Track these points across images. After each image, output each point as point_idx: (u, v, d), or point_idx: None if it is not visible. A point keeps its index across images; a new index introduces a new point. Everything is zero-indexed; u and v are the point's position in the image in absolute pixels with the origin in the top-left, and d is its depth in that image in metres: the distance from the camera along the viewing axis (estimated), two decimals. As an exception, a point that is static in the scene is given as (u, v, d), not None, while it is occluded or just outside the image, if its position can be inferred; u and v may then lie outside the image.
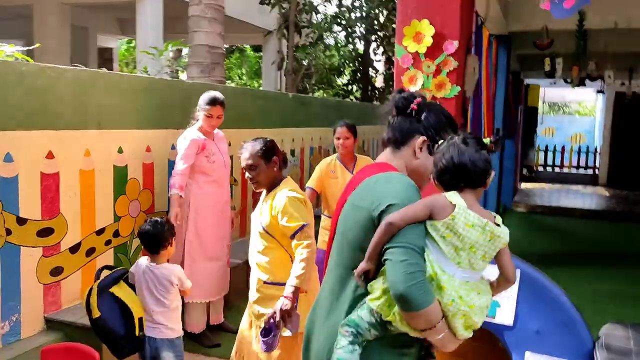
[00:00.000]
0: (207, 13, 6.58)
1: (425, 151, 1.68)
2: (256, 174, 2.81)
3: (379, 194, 1.56)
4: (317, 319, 1.77)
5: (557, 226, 9.26)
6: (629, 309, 5.10)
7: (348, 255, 1.64)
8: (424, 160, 1.68)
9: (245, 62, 18.82)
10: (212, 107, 3.84)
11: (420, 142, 1.68)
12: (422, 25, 2.80)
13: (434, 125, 1.70)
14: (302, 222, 2.65)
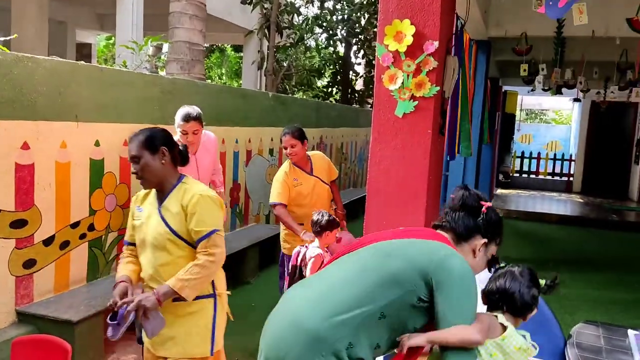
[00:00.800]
0: (188, 10, 6.55)
1: (482, 252, 1.84)
2: (140, 168, 2.37)
3: (448, 270, 1.66)
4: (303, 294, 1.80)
5: (532, 231, 9.40)
6: (599, 313, 5.20)
7: (371, 286, 1.69)
8: (479, 261, 1.85)
9: (226, 61, 18.75)
10: (185, 123, 3.72)
11: (481, 244, 1.83)
12: (403, 25, 2.82)
13: (494, 232, 1.86)
14: (211, 228, 2.34)
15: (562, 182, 15.06)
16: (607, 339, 2.37)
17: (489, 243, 1.85)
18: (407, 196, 2.95)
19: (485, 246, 1.83)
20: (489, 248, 1.85)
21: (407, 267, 1.68)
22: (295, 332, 1.66)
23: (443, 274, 1.65)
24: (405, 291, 1.66)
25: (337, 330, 1.63)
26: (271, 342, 1.72)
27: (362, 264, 1.78)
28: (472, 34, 5.87)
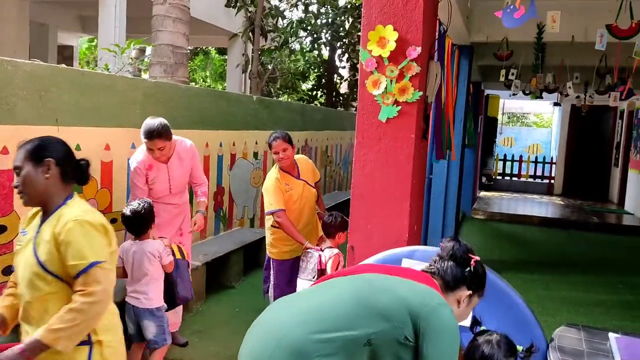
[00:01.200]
0: (172, 13, 6.51)
1: (466, 303, 1.93)
2: (20, 180, 2.03)
3: (438, 320, 1.73)
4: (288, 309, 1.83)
5: (514, 233, 9.49)
6: (581, 314, 5.27)
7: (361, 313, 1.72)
8: (462, 311, 1.94)
9: (210, 64, 18.68)
10: (149, 140, 3.57)
11: (466, 295, 1.92)
12: (386, 31, 2.84)
13: (479, 285, 1.96)
14: (90, 260, 1.95)
15: (544, 184, 15.24)
16: (588, 342, 2.40)
17: (473, 295, 1.94)
18: (391, 200, 2.96)
19: (469, 298, 1.93)
20: (472, 300, 1.95)
21: (399, 305, 1.73)
22: (276, 345, 1.66)
23: (433, 322, 1.71)
24: (392, 326, 1.70)
25: (321, 346, 1.64)
26: (251, 353, 1.72)
27: (354, 289, 1.81)
28: (455, 39, 5.92)
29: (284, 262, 4.17)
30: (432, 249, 2.69)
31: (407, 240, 2.92)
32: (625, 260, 7.79)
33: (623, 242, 9.06)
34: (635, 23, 3.65)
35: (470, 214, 10.81)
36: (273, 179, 4.04)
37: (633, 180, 11.64)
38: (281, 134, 4.05)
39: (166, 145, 3.64)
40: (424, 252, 2.60)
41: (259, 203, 7.08)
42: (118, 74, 5.10)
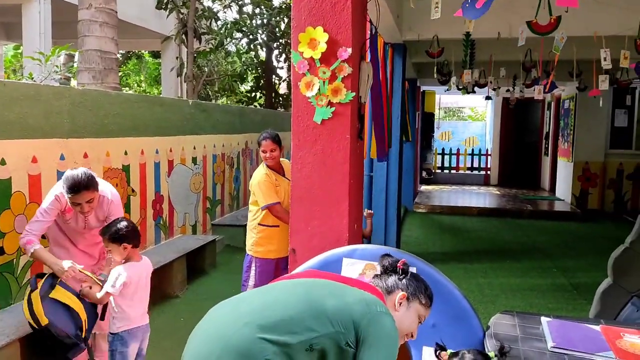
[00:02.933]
0: (98, 17, 6.31)
1: (404, 307, 1.97)
2: None
3: (378, 326, 1.76)
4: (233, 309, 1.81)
5: (455, 224, 9.76)
6: (518, 299, 5.47)
7: (307, 314, 1.73)
8: (402, 316, 1.95)
9: (144, 68, 18.22)
10: (75, 195, 3.11)
11: (400, 296, 1.97)
12: (316, 32, 2.85)
13: (415, 289, 2.01)
14: None
15: (481, 176, 15.75)
16: (522, 328, 2.49)
17: (412, 299, 1.98)
18: (330, 201, 2.98)
19: (407, 300, 1.97)
20: (411, 304, 1.98)
21: (343, 310, 1.75)
22: (223, 347, 1.64)
23: (374, 329, 1.74)
24: (335, 331, 1.71)
25: (265, 347, 1.63)
26: (197, 357, 1.69)
27: (300, 292, 1.82)
28: (387, 38, 6.02)
29: (269, 261, 4.16)
30: (372, 246, 2.73)
31: (347, 239, 2.95)
32: (558, 245, 8.15)
33: (555, 228, 9.49)
34: (554, 19, 3.80)
35: (412, 208, 11.04)
36: (263, 174, 4.11)
37: (562, 167, 12.21)
38: (270, 134, 4.14)
39: (95, 195, 3.21)
40: (364, 251, 2.64)
41: (201, 209, 6.97)
42: (43, 83, 4.90)
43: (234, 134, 8.08)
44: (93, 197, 3.18)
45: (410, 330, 1.97)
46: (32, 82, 4.73)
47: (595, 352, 2.21)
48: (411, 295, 1.99)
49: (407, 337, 1.99)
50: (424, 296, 2.01)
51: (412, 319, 1.97)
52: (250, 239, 4.22)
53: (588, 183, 11.08)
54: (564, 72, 7.76)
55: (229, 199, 8.01)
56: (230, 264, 6.58)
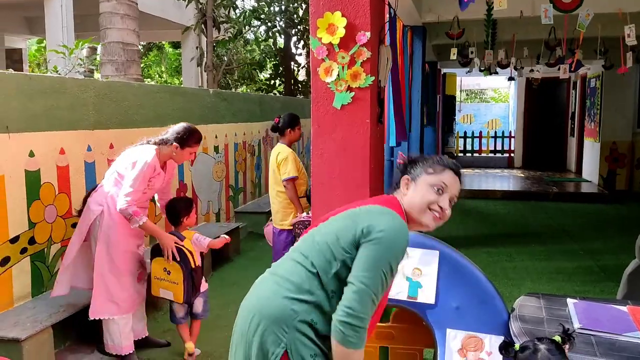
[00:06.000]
0: (119, 9, 6.37)
1: (411, 186, 1.92)
2: None
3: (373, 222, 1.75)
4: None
5: (478, 208, 9.68)
6: (544, 283, 5.43)
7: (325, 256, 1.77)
8: (411, 195, 1.91)
9: (165, 59, 18.35)
10: (197, 145, 3.69)
11: (403, 182, 1.95)
12: (334, 17, 2.84)
13: (414, 165, 1.97)
14: None
15: (504, 158, 15.56)
16: (548, 310, 2.47)
17: (416, 176, 1.92)
18: (350, 186, 2.99)
19: (411, 181, 1.93)
20: (419, 181, 1.91)
21: (350, 226, 1.77)
22: (259, 317, 1.77)
23: (371, 229, 1.72)
24: (350, 257, 1.74)
25: (298, 307, 1.73)
26: (239, 331, 1.87)
27: (319, 241, 1.84)
28: (406, 20, 5.96)
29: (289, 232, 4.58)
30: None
31: (369, 224, 2.95)
32: (584, 227, 8.04)
33: (582, 210, 9.35)
34: (577, -4, 3.74)
35: (434, 192, 10.96)
36: (288, 151, 4.56)
37: (589, 148, 11.99)
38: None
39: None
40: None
41: (224, 197, 7.04)
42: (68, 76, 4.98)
43: (254, 122, 8.12)
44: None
45: (426, 201, 1.88)
46: (57, 76, 4.82)
47: (622, 332, 2.20)
48: (413, 173, 1.94)
49: (434, 210, 1.90)
50: (428, 166, 1.94)
51: (422, 192, 1.89)
52: (289, 215, 4.53)
53: (615, 164, 10.86)
54: (589, 50, 7.61)
55: (251, 187, 8.07)
56: (254, 250, 6.65)
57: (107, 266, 3.49)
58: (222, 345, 3.98)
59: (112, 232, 3.48)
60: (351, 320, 1.64)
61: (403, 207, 1.90)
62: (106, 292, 3.50)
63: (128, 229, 3.49)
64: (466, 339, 2.41)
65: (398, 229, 1.74)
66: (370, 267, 1.67)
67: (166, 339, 4.03)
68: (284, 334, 1.71)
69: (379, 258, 1.68)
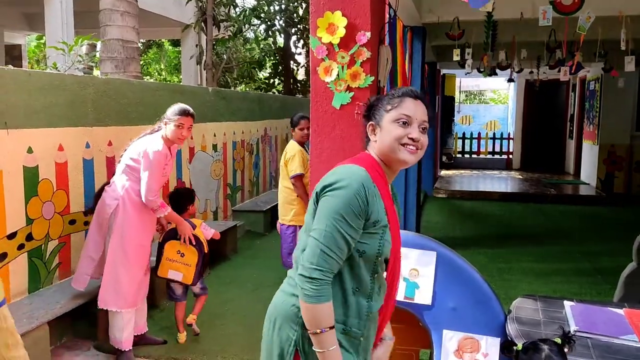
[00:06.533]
0: (119, 7, 6.36)
1: (377, 130, 1.78)
2: None
3: (322, 179, 1.74)
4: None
5: (475, 209, 9.69)
6: (541, 284, 5.43)
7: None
8: (380, 138, 1.77)
9: (164, 57, 18.33)
10: (184, 117, 3.69)
11: (370, 128, 1.82)
12: (334, 17, 2.84)
13: (373, 109, 1.82)
14: None
15: (502, 160, 15.57)
16: (544, 312, 2.48)
17: (378, 119, 1.79)
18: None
19: (376, 125, 1.79)
20: (382, 122, 1.77)
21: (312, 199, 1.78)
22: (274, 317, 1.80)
23: (321, 189, 1.70)
24: None
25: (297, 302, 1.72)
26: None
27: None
28: (406, 20, 5.96)
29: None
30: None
31: (367, 224, 2.95)
32: (582, 229, 8.05)
33: (580, 212, 9.37)
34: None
35: (432, 193, 10.98)
36: (296, 148, 4.70)
37: (587, 151, 12.01)
38: (306, 115, 4.58)
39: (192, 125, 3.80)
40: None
41: (221, 195, 7.04)
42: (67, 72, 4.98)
43: (253, 120, 8.12)
44: (192, 126, 3.76)
45: (395, 137, 1.73)
46: (56, 72, 4.81)
47: (619, 335, 2.20)
48: (376, 118, 1.80)
49: (407, 145, 1.74)
50: (386, 103, 1.79)
51: (387, 130, 1.75)
52: (291, 211, 4.68)
53: (614, 166, 10.87)
54: (588, 53, 7.61)
55: (249, 185, 8.07)
56: (251, 249, 6.65)
57: (120, 258, 3.59)
58: (219, 343, 3.98)
59: (126, 225, 3.59)
60: (303, 272, 1.62)
61: (376, 155, 1.79)
62: (116, 283, 3.58)
63: (143, 223, 3.65)
64: (462, 340, 2.41)
65: (345, 179, 1.66)
66: (319, 220, 1.65)
67: (163, 337, 4.02)
68: (294, 331, 1.71)
69: (327, 209, 1.64)
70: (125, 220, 3.59)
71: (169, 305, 4.72)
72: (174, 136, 3.69)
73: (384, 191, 1.74)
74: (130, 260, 3.62)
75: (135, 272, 3.67)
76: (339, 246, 1.63)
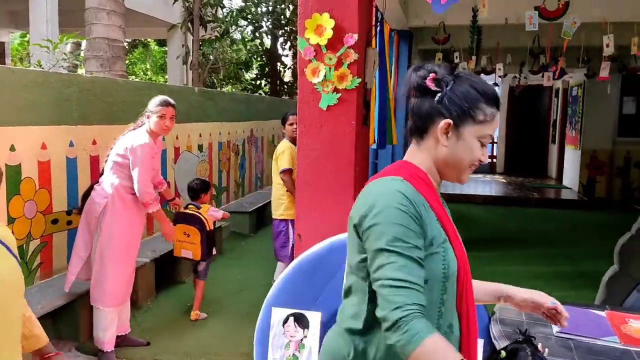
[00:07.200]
0: (105, 5, 6.31)
1: (453, 137, 1.39)
2: None
3: (355, 206, 1.41)
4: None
5: (460, 213, 9.73)
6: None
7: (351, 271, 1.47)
8: (454, 148, 1.40)
9: (150, 56, 18.22)
10: (166, 107, 3.71)
11: (443, 126, 1.38)
12: (322, 19, 2.85)
13: (460, 103, 1.37)
14: None
15: (486, 163, 15.69)
16: (528, 314, 2.50)
17: (461, 124, 1.38)
18: (335, 187, 2.99)
19: (455, 128, 1.38)
20: (467, 131, 1.38)
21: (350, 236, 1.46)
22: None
23: (361, 220, 1.37)
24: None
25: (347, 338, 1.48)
26: None
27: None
28: (393, 24, 6.00)
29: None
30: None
31: (353, 225, 2.96)
32: (564, 233, 8.14)
33: (562, 216, 9.46)
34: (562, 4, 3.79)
35: (417, 196, 11.02)
36: (287, 144, 4.75)
37: (570, 155, 12.15)
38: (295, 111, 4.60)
39: (174, 115, 3.80)
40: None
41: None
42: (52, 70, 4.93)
43: (239, 121, 8.10)
44: (174, 116, 3.76)
45: (473, 159, 1.41)
46: (40, 70, 4.76)
47: (600, 336, 2.23)
48: (458, 118, 1.38)
49: (473, 167, 1.44)
50: (477, 108, 1.37)
51: (468, 146, 1.39)
52: (281, 205, 4.75)
53: (596, 171, 11.02)
54: (572, 58, 7.72)
55: (234, 186, 8.04)
56: (236, 250, 6.62)
57: (109, 256, 3.59)
58: (202, 344, 3.96)
59: (116, 223, 3.59)
60: (386, 324, 1.24)
61: (428, 161, 1.44)
62: (104, 281, 3.57)
63: (131, 220, 3.67)
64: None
65: (382, 197, 1.33)
66: (375, 257, 1.29)
67: (146, 339, 3.99)
68: None
69: (378, 242, 1.29)
70: (115, 217, 3.59)
71: (151, 306, 4.69)
72: (158, 127, 3.69)
73: (433, 200, 1.41)
74: (118, 258, 3.62)
75: (124, 269, 3.67)
76: (410, 273, 1.25)
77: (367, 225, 1.33)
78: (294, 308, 2.51)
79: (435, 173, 1.46)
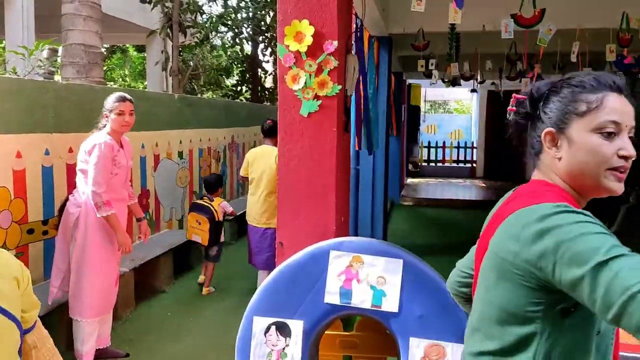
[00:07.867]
0: (82, 11, 6.24)
1: (564, 145, 1.26)
2: None
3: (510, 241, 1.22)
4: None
5: (441, 217, 9.81)
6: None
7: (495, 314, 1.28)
8: (570, 155, 1.24)
9: (128, 62, 18.06)
10: (122, 103, 3.61)
11: (545, 137, 1.29)
12: (302, 25, 2.84)
13: (554, 105, 1.27)
14: None
15: (466, 168, 15.85)
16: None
17: (564, 126, 1.25)
18: (316, 194, 2.98)
19: (558, 134, 1.26)
20: (573, 128, 1.24)
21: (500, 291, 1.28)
22: None
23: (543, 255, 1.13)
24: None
25: None
26: None
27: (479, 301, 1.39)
28: (373, 31, 6.02)
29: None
30: (358, 239, 2.74)
31: (334, 232, 2.95)
32: (543, 236, 8.21)
33: (541, 219, 9.55)
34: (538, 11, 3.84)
35: (398, 201, 11.08)
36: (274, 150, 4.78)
37: (547, 160, 12.29)
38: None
39: (133, 109, 3.68)
40: (350, 243, 2.65)
41: (187, 203, 6.95)
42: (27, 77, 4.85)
43: (220, 128, 8.05)
44: (133, 110, 3.67)
45: (603, 159, 1.20)
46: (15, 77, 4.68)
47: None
48: (558, 121, 1.26)
49: (617, 166, 1.20)
50: (573, 98, 1.24)
51: (583, 145, 1.22)
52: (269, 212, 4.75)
53: (572, 175, 11.15)
54: (548, 65, 7.82)
55: (215, 194, 7.98)
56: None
57: (83, 267, 3.51)
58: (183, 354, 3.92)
59: (89, 232, 3.52)
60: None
61: (560, 180, 1.28)
62: (80, 292, 3.51)
63: (106, 229, 3.55)
64: (429, 347, 2.43)
65: (546, 215, 1.14)
66: (595, 279, 1.02)
67: (125, 350, 3.93)
68: None
69: (574, 266, 1.06)
70: (88, 227, 3.52)
71: (130, 317, 4.62)
72: (117, 125, 3.62)
73: None
74: (95, 268, 3.53)
75: (102, 279, 3.58)
76: (614, 245, 1.05)
77: (552, 255, 1.10)
78: (276, 317, 2.49)
79: (572, 190, 1.28)
